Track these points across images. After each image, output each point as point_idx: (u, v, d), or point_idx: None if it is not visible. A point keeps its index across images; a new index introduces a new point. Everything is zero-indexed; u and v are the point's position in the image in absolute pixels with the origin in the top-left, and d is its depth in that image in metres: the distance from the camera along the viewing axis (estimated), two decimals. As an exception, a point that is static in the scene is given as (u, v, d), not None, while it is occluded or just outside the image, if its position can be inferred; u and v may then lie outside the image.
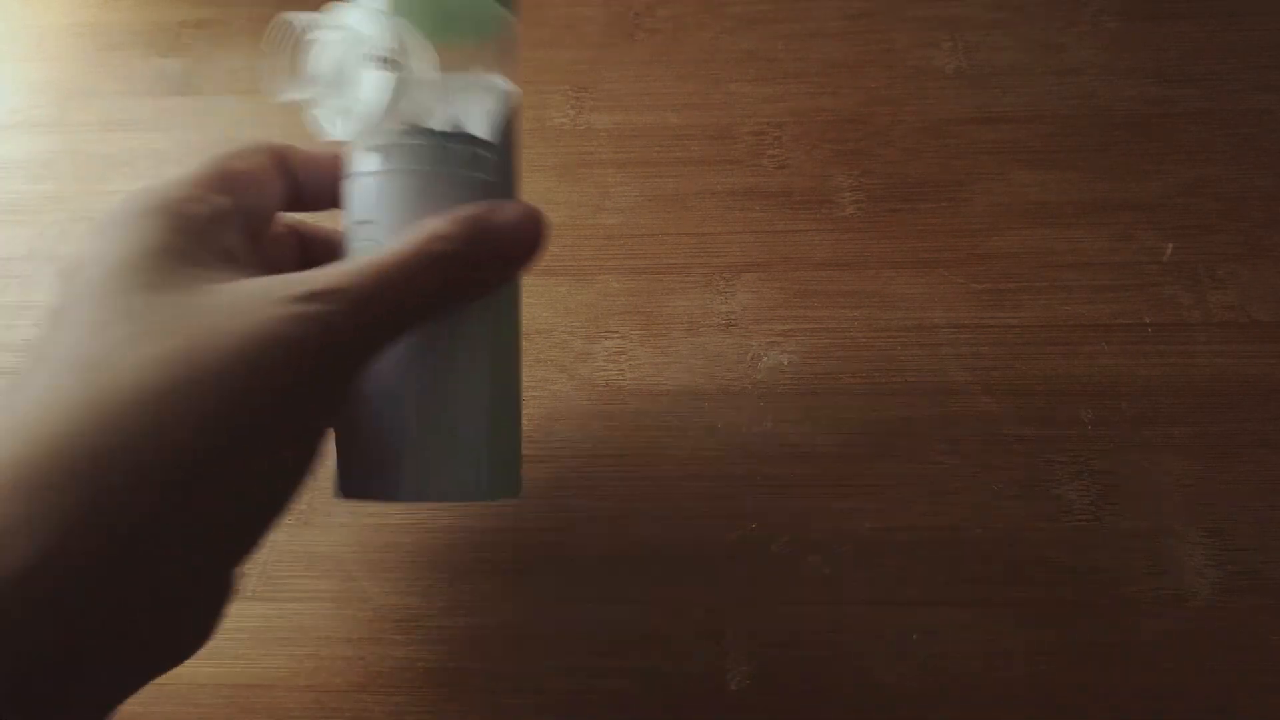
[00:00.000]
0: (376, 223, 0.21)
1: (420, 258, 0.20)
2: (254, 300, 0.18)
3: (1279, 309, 0.32)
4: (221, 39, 0.43)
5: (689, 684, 0.26)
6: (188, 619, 0.19)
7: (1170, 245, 0.33)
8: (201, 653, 0.19)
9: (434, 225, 0.20)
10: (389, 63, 0.20)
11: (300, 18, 0.21)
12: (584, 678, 0.27)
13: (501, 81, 0.22)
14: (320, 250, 0.25)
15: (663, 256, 0.35)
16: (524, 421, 0.24)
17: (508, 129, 0.23)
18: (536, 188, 0.31)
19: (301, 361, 0.18)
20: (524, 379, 0.24)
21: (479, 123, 0.21)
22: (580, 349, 0.32)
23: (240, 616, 0.28)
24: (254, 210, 0.22)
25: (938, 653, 0.26)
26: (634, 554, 0.28)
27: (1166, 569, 0.27)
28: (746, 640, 0.27)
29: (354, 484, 0.22)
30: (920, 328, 0.32)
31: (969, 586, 0.27)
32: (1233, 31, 0.39)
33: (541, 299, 0.33)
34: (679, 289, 0.34)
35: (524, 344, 0.25)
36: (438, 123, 0.21)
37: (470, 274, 0.21)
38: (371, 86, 0.20)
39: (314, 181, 0.24)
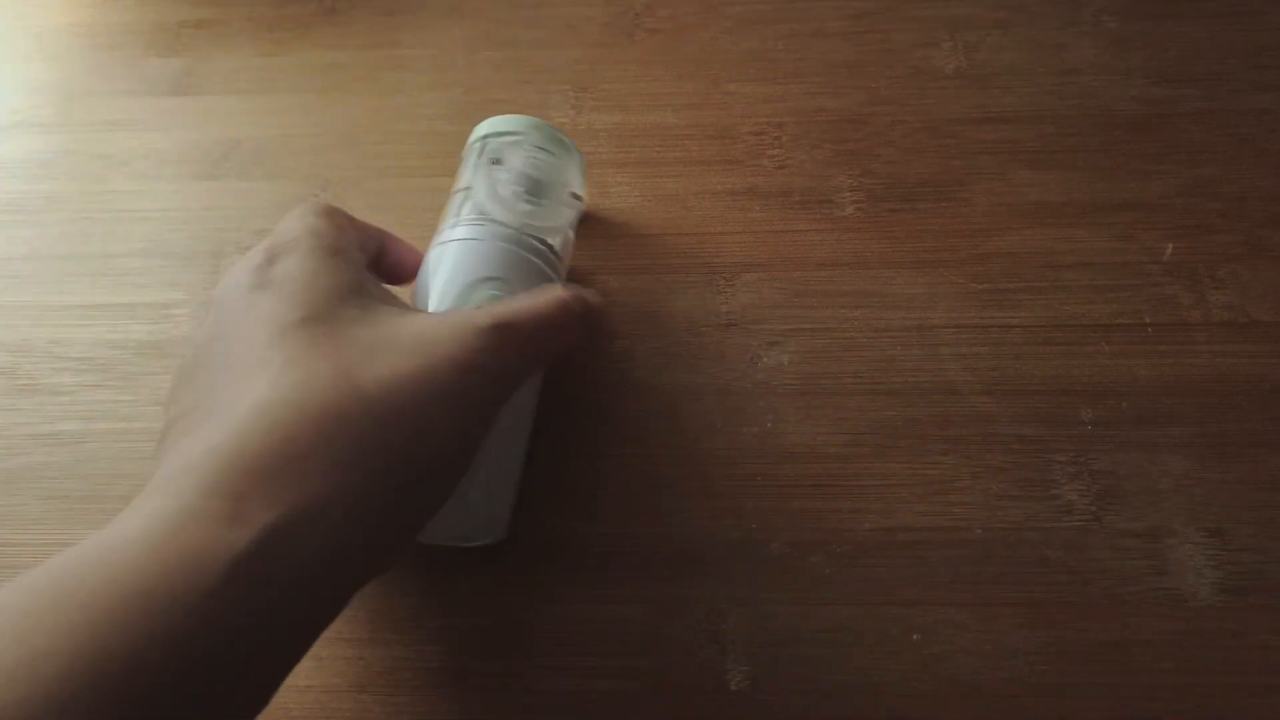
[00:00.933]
0: (506, 280, 0.27)
1: (560, 309, 0.26)
2: (451, 331, 0.23)
3: (1279, 309, 0.32)
4: (221, 39, 0.43)
5: (689, 684, 0.26)
6: None
7: (1170, 245, 0.33)
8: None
9: (559, 290, 0.26)
10: (577, 199, 0.30)
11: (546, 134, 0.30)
12: (584, 678, 0.27)
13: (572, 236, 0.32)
14: None
15: (663, 256, 0.35)
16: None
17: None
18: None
19: (488, 384, 0.23)
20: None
21: (566, 255, 0.31)
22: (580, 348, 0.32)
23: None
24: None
25: (938, 653, 0.26)
26: (634, 554, 0.28)
27: (1166, 569, 0.27)
28: (746, 640, 0.27)
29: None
30: (920, 328, 0.32)
31: (969, 586, 0.27)
32: (1233, 31, 0.39)
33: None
34: (679, 289, 0.34)
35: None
36: (555, 244, 0.30)
37: (577, 329, 0.26)
38: (566, 210, 0.30)
39: (364, 247, 0.28)
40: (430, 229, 0.37)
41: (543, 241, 0.29)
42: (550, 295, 0.26)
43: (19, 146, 0.40)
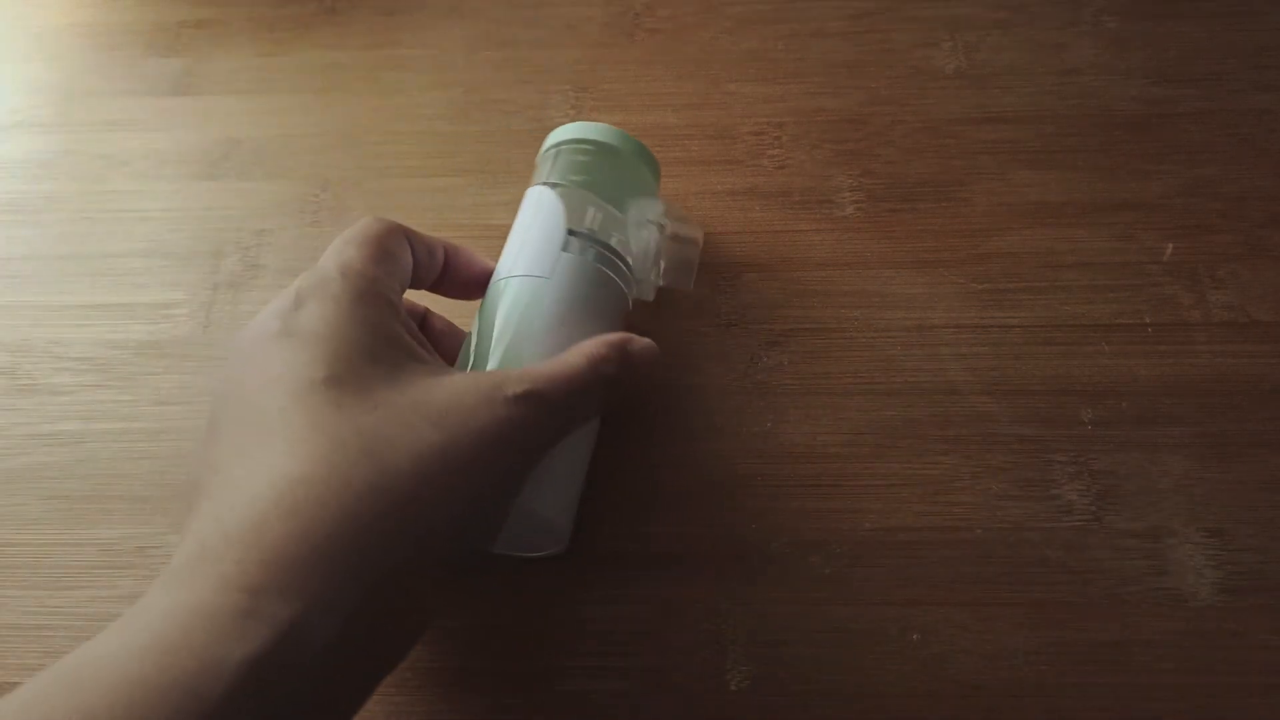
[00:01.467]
0: (607, 326, 0.28)
1: (593, 374, 0.24)
2: (481, 398, 0.22)
3: (1279, 309, 0.32)
4: (221, 39, 0.43)
5: (689, 684, 0.26)
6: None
7: (1170, 245, 0.33)
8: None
9: (595, 349, 0.25)
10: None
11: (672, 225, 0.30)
12: (584, 678, 0.27)
13: None
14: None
15: (663, 256, 0.35)
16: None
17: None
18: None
19: (517, 455, 0.22)
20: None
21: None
22: (580, 349, 0.32)
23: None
24: (401, 285, 0.26)
25: (938, 653, 0.26)
26: (634, 554, 0.28)
27: (1166, 569, 0.27)
28: (746, 640, 0.27)
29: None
30: (920, 328, 0.32)
31: (969, 586, 0.27)
32: (1233, 31, 0.39)
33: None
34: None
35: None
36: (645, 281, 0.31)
37: (615, 385, 0.25)
38: (649, 292, 0.31)
39: (423, 263, 0.27)
40: (430, 229, 0.37)
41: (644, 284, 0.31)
42: (584, 355, 0.24)
43: (19, 146, 0.40)
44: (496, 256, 0.30)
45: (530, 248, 0.28)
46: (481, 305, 0.28)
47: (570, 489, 0.26)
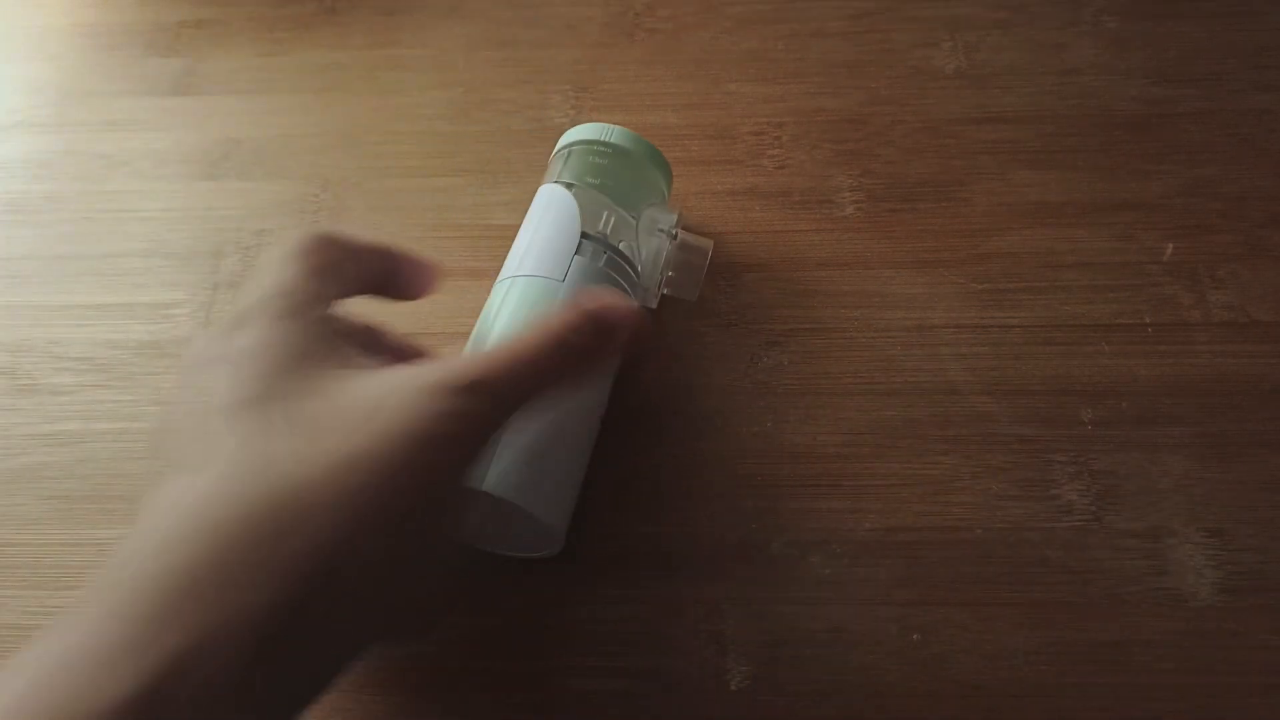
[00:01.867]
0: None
1: (555, 348, 0.22)
2: (413, 393, 0.20)
3: (1279, 309, 0.32)
4: (221, 39, 0.43)
5: (689, 684, 0.26)
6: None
7: (1170, 245, 0.33)
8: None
9: (560, 319, 0.23)
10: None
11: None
12: (584, 677, 0.27)
13: None
14: None
15: (663, 256, 0.35)
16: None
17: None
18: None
19: (456, 449, 0.20)
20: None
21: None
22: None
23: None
24: (341, 296, 0.25)
25: (938, 653, 0.26)
26: (634, 554, 0.28)
27: (1166, 569, 0.27)
28: (746, 640, 0.27)
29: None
30: (920, 328, 0.32)
31: (969, 586, 0.27)
32: (1233, 31, 0.39)
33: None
34: (679, 289, 0.34)
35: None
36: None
37: (586, 360, 0.23)
38: (650, 301, 0.31)
39: (366, 270, 0.26)
40: (430, 228, 0.37)
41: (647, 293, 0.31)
42: (544, 329, 0.22)
43: (19, 146, 0.40)
44: (496, 256, 0.30)
45: (541, 248, 0.28)
46: (486, 303, 0.28)
47: (567, 490, 0.26)
